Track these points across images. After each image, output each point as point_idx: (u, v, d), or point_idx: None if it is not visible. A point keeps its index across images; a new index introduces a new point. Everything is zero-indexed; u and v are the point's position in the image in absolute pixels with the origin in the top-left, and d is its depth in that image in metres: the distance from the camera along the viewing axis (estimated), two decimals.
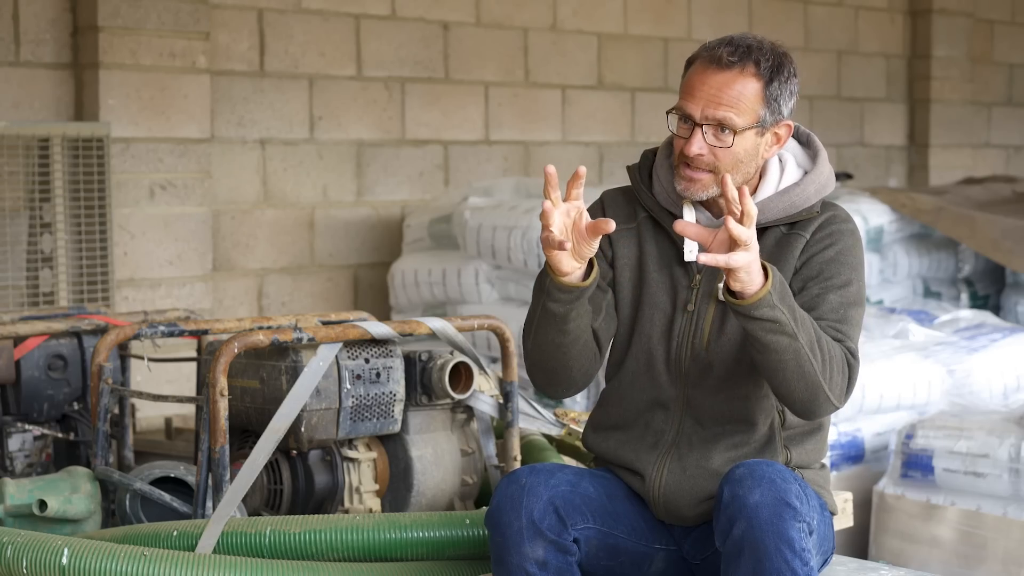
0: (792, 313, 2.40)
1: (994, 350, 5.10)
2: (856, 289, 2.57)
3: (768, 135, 2.57)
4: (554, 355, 2.58)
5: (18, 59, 5.33)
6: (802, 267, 2.58)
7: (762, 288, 2.36)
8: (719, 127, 2.51)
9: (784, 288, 2.41)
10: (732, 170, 2.54)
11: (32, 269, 5.08)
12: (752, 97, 2.51)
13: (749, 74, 2.51)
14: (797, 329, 2.40)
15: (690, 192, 2.57)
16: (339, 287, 6.29)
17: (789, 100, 2.57)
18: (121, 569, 2.69)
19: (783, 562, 2.34)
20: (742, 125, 2.51)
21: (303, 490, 3.28)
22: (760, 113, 2.52)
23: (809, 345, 2.42)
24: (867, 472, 4.76)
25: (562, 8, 7.02)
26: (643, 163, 2.73)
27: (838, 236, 2.59)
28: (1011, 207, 6.63)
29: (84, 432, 3.82)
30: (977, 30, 9.12)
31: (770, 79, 2.52)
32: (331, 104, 6.19)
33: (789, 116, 2.59)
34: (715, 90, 2.50)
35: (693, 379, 2.62)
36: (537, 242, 5.18)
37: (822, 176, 2.65)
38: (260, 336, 3.09)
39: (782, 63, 2.55)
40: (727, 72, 2.51)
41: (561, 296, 2.49)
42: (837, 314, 2.54)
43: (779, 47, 2.57)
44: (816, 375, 2.44)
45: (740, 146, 2.52)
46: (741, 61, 2.50)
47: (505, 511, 2.49)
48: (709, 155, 2.52)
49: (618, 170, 7.14)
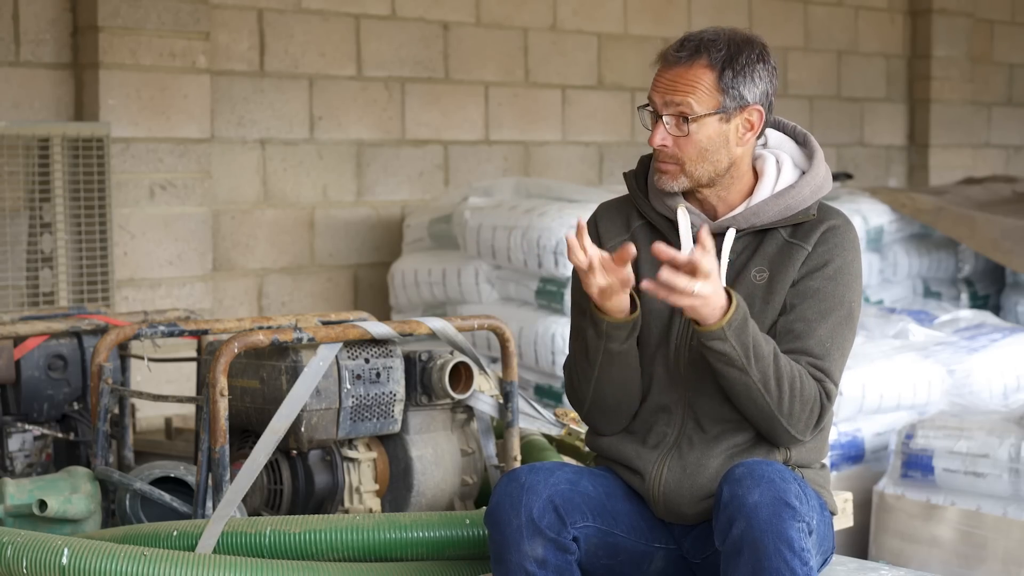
0: (746, 350, 2.45)
1: (994, 350, 5.10)
2: (847, 311, 2.60)
3: (736, 121, 2.60)
4: (623, 391, 2.63)
5: (18, 59, 5.33)
6: (800, 280, 2.60)
7: (718, 321, 2.42)
8: (678, 117, 2.57)
9: (744, 324, 2.45)
10: (698, 160, 2.59)
11: (32, 269, 5.08)
12: (708, 86, 2.57)
13: (701, 65, 2.57)
14: (749, 365, 2.45)
15: (661, 184, 2.63)
16: (339, 287, 6.29)
17: (754, 85, 2.59)
18: (121, 569, 2.69)
19: (782, 562, 2.34)
20: (698, 112, 2.56)
21: (303, 490, 3.28)
22: (719, 99, 2.57)
23: (763, 381, 2.47)
24: (867, 472, 4.76)
25: (562, 8, 7.02)
26: (639, 169, 2.77)
27: (838, 250, 2.61)
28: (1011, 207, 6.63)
29: (84, 432, 3.82)
30: (977, 30, 9.12)
31: (723, 67, 2.57)
32: (331, 104, 6.19)
33: (760, 101, 2.61)
34: (670, 81, 2.59)
35: (692, 382, 2.62)
36: (537, 242, 5.19)
37: (818, 177, 2.66)
38: (260, 336, 3.09)
39: (739, 50, 2.58)
40: (679, 65, 2.58)
41: (620, 334, 2.55)
42: (823, 347, 2.57)
43: (740, 35, 2.61)
44: (770, 408, 2.49)
45: (701, 133, 2.57)
46: (691, 55, 2.58)
47: (504, 509, 2.49)
48: (673, 146, 2.59)
49: (618, 170, 7.13)
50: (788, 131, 2.77)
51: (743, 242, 2.64)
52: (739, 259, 2.63)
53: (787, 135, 2.77)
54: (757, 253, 2.63)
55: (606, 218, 2.76)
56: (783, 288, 2.59)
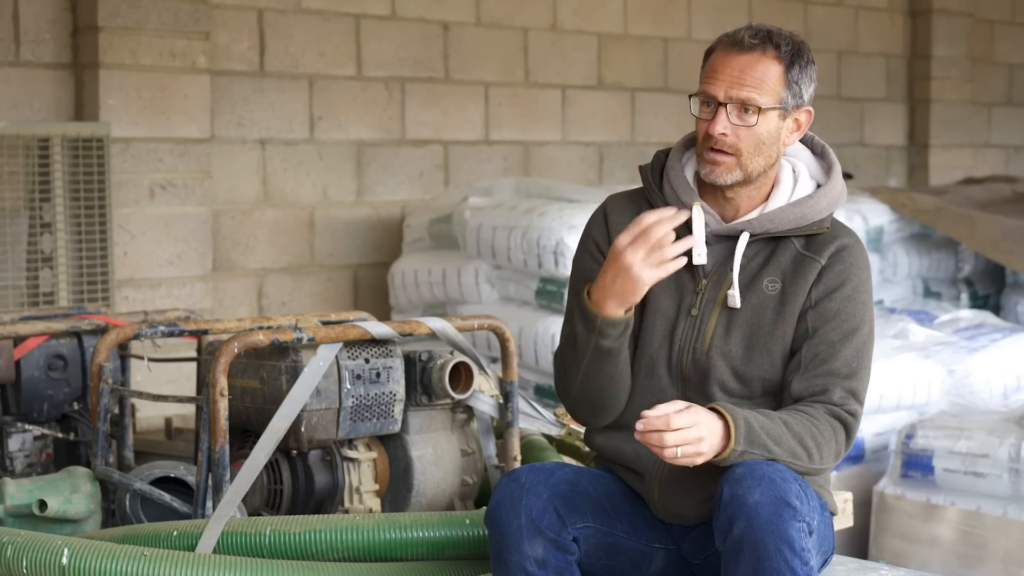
0: (764, 448, 2.44)
1: (994, 350, 5.10)
2: (868, 330, 2.60)
3: (789, 120, 2.60)
4: (609, 387, 2.61)
5: (18, 59, 5.33)
6: (819, 303, 2.58)
7: (723, 452, 2.41)
8: (743, 107, 2.54)
9: (750, 432, 2.43)
10: (754, 153, 2.56)
11: (32, 269, 5.08)
12: (774, 79, 2.55)
13: (771, 56, 2.55)
14: (774, 455, 2.45)
15: (714, 176, 2.58)
16: (339, 287, 6.29)
17: (809, 86, 2.61)
18: (121, 569, 2.69)
19: (782, 561, 2.34)
20: (765, 105, 2.54)
21: (303, 490, 3.28)
22: (782, 95, 2.56)
23: (791, 455, 2.47)
24: (867, 472, 4.76)
25: (562, 8, 7.02)
26: (655, 163, 2.74)
27: (853, 271, 2.60)
28: (1011, 207, 6.63)
29: (84, 432, 3.82)
30: (977, 30, 9.12)
31: (791, 62, 2.56)
32: (331, 104, 6.19)
33: (809, 102, 2.62)
34: (738, 71, 2.54)
35: (694, 384, 2.62)
36: (537, 242, 5.18)
37: (835, 191, 2.67)
38: (260, 336, 3.09)
39: (801, 49, 2.60)
40: (750, 54, 2.55)
41: (613, 332, 2.53)
42: (850, 367, 2.57)
43: (797, 36, 2.63)
44: (804, 465, 2.50)
45: (763, 127, 2.55)
46: (763, 44, 2.55)
47: (504, 509, 2.49)
48: (733, 135, 2.55)
49: (618, 170, 7.14)
50: (806, 141, 2.76)
51: (755, 248, 2.63)
52: (750, 265, 2.62)
53: (804, 144, 2.76)
54: (770, 263, 2.61)
55: (617, 210, 2.72)
56: (796, 300, 2.58)
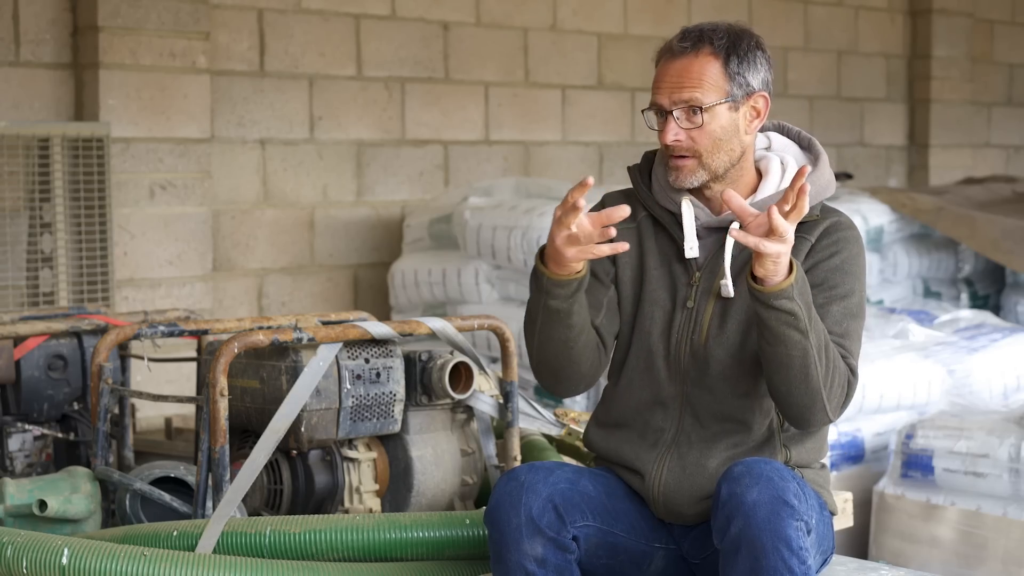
0: (808, 311, 2.43)
1: (994, 350, 5.10)
2: (858, 300, 2.60)
3: (744, 109, 2.61)
4: (562, 351, 2.61)
5: (18, 59, 5.33)
6: (807, 272, 2.58)
7: (785, 279, 2.39)
8: (689, 110, 2.57)
9: (805, 287, 2.44)
10: (714, 150, 2.58)
11: (32, 269, 5.08)
12: (714, 75, 2.57)
13: (705, 54, 2.58)
14: (810, 328, 2.43)
15: (680, 181, 2.61)
16: (339, 287, 6.29)
17: (757, 72, 2.61)
18: (121, 569, 2.69)
19: (780, 560, 2.34)
20: (708, 102, 2.56)
21: (303, 490, 3.28)
22: (727, 88, 2.58)
23: (818, 348, 2.45)
24: (867, 472, 4.76)
25: (562, 8, 7.02)
26: (643, 164, 2.78)
27: (844, 244, 2.61)
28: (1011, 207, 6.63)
29: (84, 432, 3.82)
30: (977, 30, 9.12)
31: (728, 55, 2.58)
32: (331, 104, 6.19)
33: (763, 88, 2.62)
34: (676, 76, 2.58)
35: (692, 376, 2.63)
36: (537, 242, 5.18)
37: (823, 179, 2.67)
38: (260, 336, 3.09)
39: (739, 38, 2.60)
40: (684, 57, 2.58)
41: (561, 292, 2.52)
42: (841, 327, 2.56)
43: (736, 26, 2.63)
44: (818, 380, 2.46)
45: (715, 124, 2.57)
46: (694, 45, 2.58)
47: (504, 508, 2.49)
48: (686, 139, 2.58)
49: (618, 170, 7.14)
50: (793, 136, 2.77)
51: None
52: (742, 255, 2.62)
53: (791, 140, 2.77)
54: None
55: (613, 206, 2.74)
56: None
